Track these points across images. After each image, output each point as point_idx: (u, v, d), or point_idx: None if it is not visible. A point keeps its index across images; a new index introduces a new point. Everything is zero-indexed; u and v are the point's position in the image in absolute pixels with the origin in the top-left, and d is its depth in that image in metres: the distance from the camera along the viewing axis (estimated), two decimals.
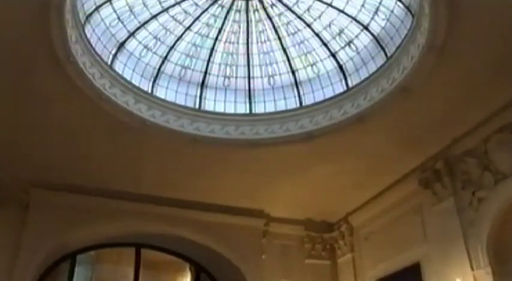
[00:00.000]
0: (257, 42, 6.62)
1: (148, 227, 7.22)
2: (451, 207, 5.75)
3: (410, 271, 6.24)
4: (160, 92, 6.28)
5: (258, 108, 6.52)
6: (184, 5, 6.24)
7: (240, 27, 6.55)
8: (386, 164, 6.36)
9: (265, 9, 6.39)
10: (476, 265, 5.30)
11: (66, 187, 6.70)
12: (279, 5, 6.32)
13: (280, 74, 6.64)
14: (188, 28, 6.39)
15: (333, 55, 6.35)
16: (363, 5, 5.94)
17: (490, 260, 5.19)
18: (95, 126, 5.80)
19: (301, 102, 6.40)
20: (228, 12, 6.41)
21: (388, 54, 5.64)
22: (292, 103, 6.45)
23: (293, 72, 6.57)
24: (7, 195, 6.52)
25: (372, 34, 5.96)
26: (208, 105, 6.49)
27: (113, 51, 5.97)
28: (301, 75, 6.55)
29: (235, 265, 7.31)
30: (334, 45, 6.32)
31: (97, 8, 5.68)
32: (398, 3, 5.50)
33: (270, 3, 6.32)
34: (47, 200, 6.65)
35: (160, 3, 6.15)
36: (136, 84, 6.05)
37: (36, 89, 5.17)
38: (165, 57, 6.42)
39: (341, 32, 6.20)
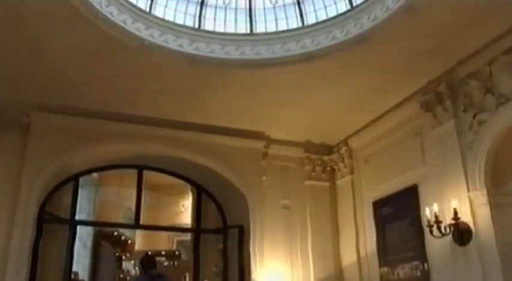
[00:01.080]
0: None
1: (149, 149, 7.25)
2: (451, 130, 5.75)
3: (408, 192, 6.36)
4: (158, 11, 6.07)
5: (259, 28, 6.34)
6: None
7: None
8: (388, 87, 6.28)
9: None
10: (472, 186, 5.38)
11: (66, 109, 6.65)
12: None
13: None
14: None
15: None
16: None
17: (486, 182, 5.27)
18: (92, 47, 5.65)
19: (303, 22, 6.21)
20: None
21: None
22: (294, 23, 6.24)
23: None
24: (7, 119, 6.50)
25: None
26: (208, 25, 6.28)
27: None
28: None
29: (235, 185, 7.42)
30: None
31: None
32: None
33: None
34: (48, 123, 6.63)
35: None
36: (134, 2, 5.84)
37: (31, 9, 4.97)
38: None
39: None
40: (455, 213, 5.19)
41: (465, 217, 5.27)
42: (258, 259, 7.14)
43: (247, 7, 6.44)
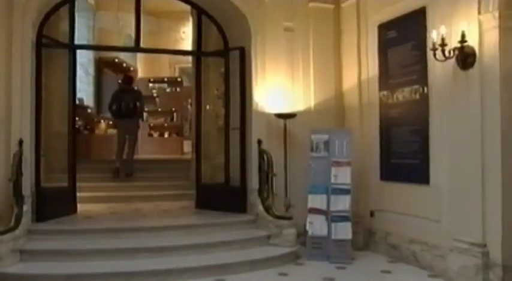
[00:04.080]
0: None
1: None
2: None
3: (415, 15, 6.12)
4: None
5: None
6: None
7: None
8: None
9: None
10: (484, 9, 5.13)
11: None
12: None
13: None
14: None
15: None
16: None
17: (499, 4, 5.02)
18: None
19: None
20: None
21: None
22: None
23: None
24: None
25: None
26: None
27: None
28: None
29: (236, 5, 7.14)
30: None
31: None
32: None
33: None
34: None
35: None
36: None
37: None
38: None
39: None
40: (463, 36, 5.05)
41: (472, 41, 5.14)
42: (259, 80, 7.21)
43: None
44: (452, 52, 5.19)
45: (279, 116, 7.04)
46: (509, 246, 4.94)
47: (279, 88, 7.22)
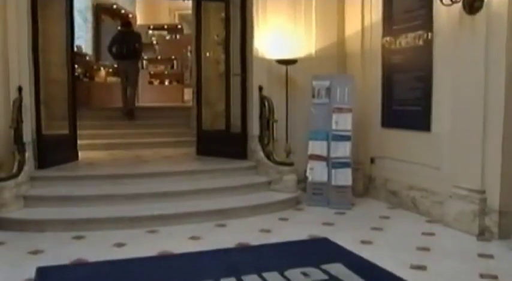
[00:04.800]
0: None
1: None
2: None
3: None
4: None
5: None
6: None
7: None
8: None
9: None
10: None
11: None
12: None
13: None
14: None
15: None
16: None
17: None
18: None
19: None
20: None
21: None
22: None
23: None
24: None
25: None
26: None
27: None
28: None
29: None
30: None
31: None
32: None
33: None
34: None
35: None
36: None
37: None
38: None
39: None
40: None
41: None
42: (261, 26, 7.06)
43: None
44: None
45: (280, 62, 6.94)
46: (507, 193, 4.99)
47: (281, 34, 7.07)
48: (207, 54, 8.14)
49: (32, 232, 5.19)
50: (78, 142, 7.64)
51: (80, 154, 7.60)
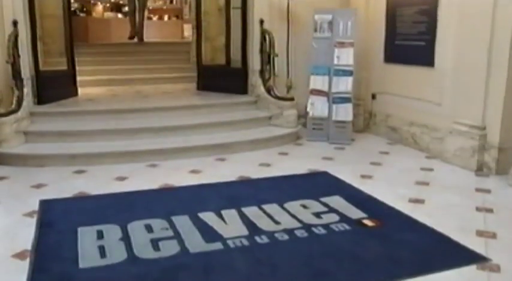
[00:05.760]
0: None
1: None
2: None
3: None
4: None
5: None
6: None
7: None
8: None
9: None
10: None
11: None
12: None
13: None
14: None
15: None
16: None
17: None
18: None
19: None
20: None
21: None
22: None
23: None
24: None
25: None
26: None
27: None
28: None
29: None
30: None
31: None
32: None
33: None
34: None
35: None
36: None
37: None
38: None
39: None
40: None
41: None
42: None
43: None
44: None
45: None
46: (507, 129, 4.98)
47: None
48: None
49: (33, 167, 5.24)
50: (78, 78, 7.56)
51: (79, 90, 7.54)
